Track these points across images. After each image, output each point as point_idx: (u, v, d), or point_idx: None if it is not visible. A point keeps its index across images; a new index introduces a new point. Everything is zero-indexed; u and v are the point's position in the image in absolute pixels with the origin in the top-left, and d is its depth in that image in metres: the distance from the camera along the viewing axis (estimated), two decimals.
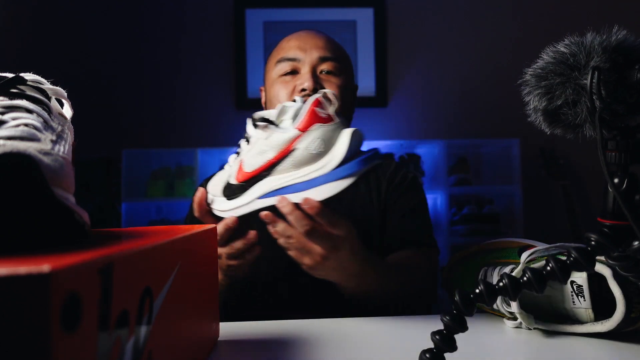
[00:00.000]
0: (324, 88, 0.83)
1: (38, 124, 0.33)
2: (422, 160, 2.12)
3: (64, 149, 0.34)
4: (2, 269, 0.17)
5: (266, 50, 2.17)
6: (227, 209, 0.58)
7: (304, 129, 0.53)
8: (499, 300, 0.52)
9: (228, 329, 0.55)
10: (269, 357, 0.46)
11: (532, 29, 2.20)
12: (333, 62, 0.86)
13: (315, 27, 1.00)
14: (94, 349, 0.20)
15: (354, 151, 0.53)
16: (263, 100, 0.96)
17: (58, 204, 0.28)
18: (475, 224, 2.00)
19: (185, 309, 0.37)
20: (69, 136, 0.38)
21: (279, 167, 0.54)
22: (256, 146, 0.56)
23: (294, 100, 0.58)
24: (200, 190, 0.62)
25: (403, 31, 2.24)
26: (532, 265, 0.48)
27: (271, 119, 0.56)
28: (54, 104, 0.39)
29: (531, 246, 0.53)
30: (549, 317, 0.51)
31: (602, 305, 0.47)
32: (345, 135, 0.53)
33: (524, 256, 0.50)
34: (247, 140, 0.58)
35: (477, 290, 0.35)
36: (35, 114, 0.34)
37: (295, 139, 0.53)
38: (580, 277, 0.47)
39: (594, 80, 0.34)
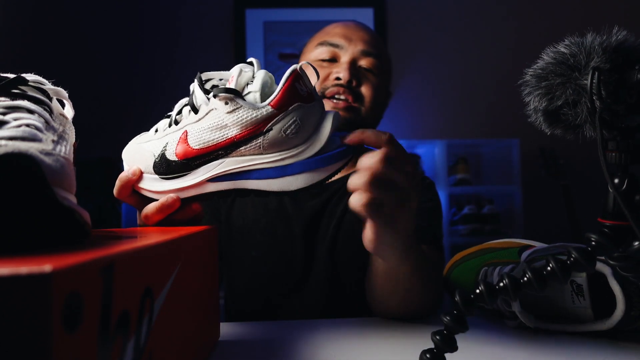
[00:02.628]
0: (360, 82, 0.80)
1: (39, 125, 0.33)
2: (422, 160, 2.12)
3: (65, 149, 0.34)
4: (3, 269, 0.17)
5: (266, 50, 2.17)
6: (163, 190, 0.49)
7: (280, 107, 0.45)
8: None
9: (228, 329, 0.56)
10: (269, 357, 0.46)
11: (532, 29, 2.20)
12: (375, 59, 0.81)
13: (315, 27, 0.98)
14: (94, 349, 0.20)
15: (332, 138, 0.47)
16: None
17: (59, 204, 0.28)
18: (475, 224, 2.00)
19: (186, 309, 0.37)
20: (70, 136, 0.38)
21: (242, 148, 0.46)
22: (211, 119, 0.47)
23: (251, 64, 0.49)
24: (135, 170, 0.51)
25: (403, 31, 2.24)
26: (533, 265, 0.48)
27: (231, 86, 0.47)
28: (55, 104, 0.39)
29: (531, 246, 0.53)
30: (549, 316, 0.51)
31: (602, 304, 0.47)
32: (329, 119, 0.47)
33: (524, 256, 0.50)
34: (194, 109, 0.48)
35: (478, 291, 0.35)
36: (36, 115, 0.34)
37: (272, 118, 0.45)
38: (580, 277, 0.47)
39: (594, 81, 0.34)
